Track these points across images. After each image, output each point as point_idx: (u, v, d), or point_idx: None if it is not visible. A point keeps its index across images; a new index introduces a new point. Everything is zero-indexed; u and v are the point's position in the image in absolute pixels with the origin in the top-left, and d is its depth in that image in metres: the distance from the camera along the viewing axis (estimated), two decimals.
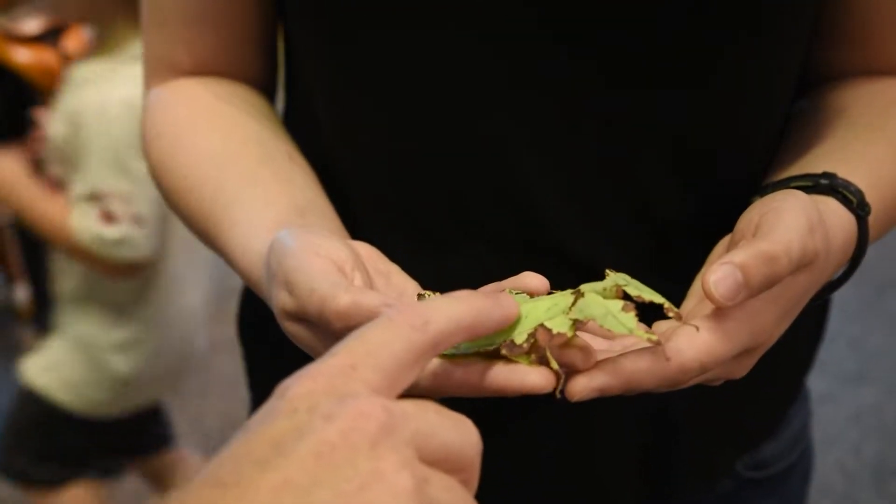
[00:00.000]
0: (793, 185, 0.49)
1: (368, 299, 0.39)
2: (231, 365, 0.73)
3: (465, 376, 0.39)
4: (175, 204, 0.58)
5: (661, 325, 0.44)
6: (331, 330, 0.40)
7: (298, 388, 0.29)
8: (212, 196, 0.54)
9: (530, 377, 0.38)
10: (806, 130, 0.56)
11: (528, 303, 0.42)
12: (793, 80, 0.55)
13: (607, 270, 0.42)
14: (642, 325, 0.38)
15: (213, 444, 2.15)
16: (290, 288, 0.42)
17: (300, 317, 0.42)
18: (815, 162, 0.52)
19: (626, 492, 0.59)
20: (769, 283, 0.40)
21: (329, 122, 0.56)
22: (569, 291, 0.41)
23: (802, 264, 0.42)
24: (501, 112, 0.50)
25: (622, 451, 0.58)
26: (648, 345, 0.39)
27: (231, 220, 0.52)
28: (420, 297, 0.46)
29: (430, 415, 0.30)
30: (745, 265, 0.39)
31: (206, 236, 0.55)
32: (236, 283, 0.62)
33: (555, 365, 0.38)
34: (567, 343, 0.39)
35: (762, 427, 0.65)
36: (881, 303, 2.72)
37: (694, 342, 0.40)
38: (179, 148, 0.57)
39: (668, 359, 0.39)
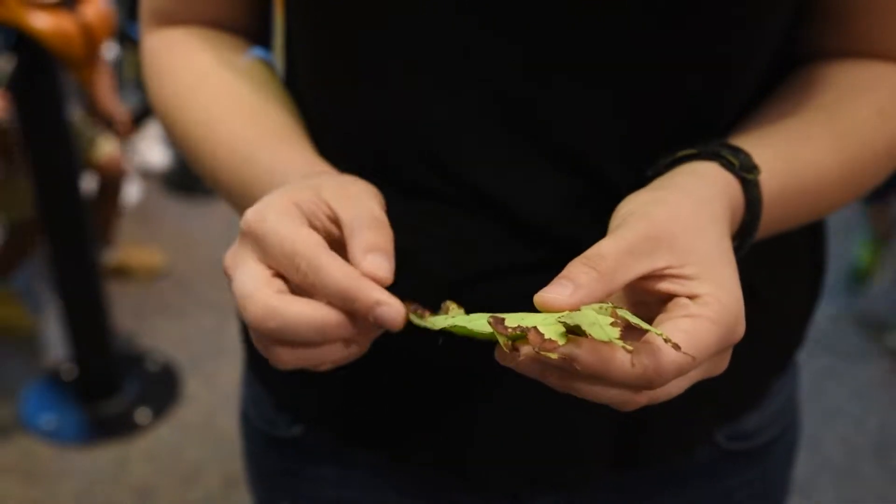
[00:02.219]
0: (680, 154, 0.51)
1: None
2: None
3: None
4: (185, 149, 0.61)
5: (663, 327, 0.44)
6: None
7: None
8: (227, 140, 0.57)
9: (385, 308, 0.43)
10: (767, 105, 0.56)
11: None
12: (764, 59, 0.55)
13: (610, 301, 0.42)
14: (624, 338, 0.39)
15: (224, 405, 2.19)
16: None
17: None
18: (745, 132, 0.53)
19: (600, 455, 0.61)
20: (598, 279, 0.42)
21: (301, 66, 0.60)
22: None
23: (639, 268, 0.44)
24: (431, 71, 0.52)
25: (596, 414, 0.59)
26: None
27: (255, 154, 0.55)
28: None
29: None
30: (565, 273, 0.43)
31: (222, 175, 0.58)
32: None
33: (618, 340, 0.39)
34: (559, 347, 0.40)
35: (744, 398, 0.65)
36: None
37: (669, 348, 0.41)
38: (185, 97, 0.60)
39: (633, 364, 0.40)
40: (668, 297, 0.45)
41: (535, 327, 0.40)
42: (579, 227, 0.54)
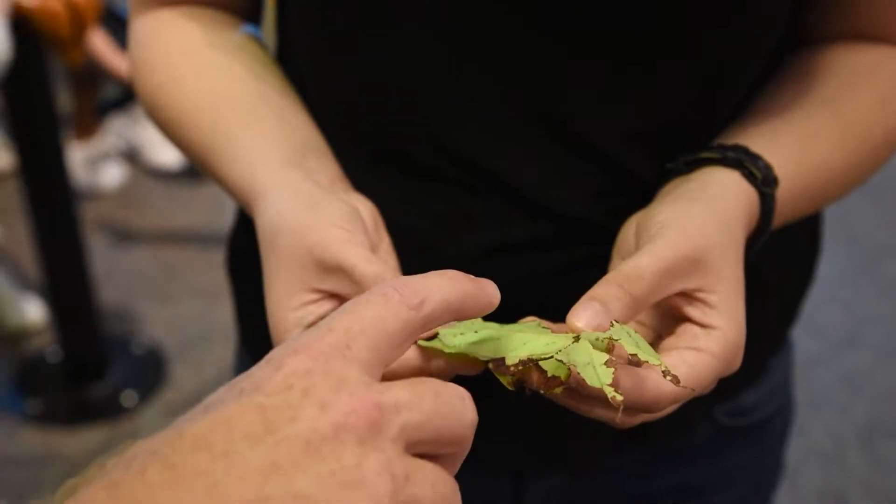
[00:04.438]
0: (703, 155, 0.51)
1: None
2: (230, 313, 0.74)
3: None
4: (171, 136, 0.60)
5: (670, 356, 0.45)
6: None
7: (295, 363, 0.29)
8: (210, 130, 0.56)
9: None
10: (771, 95, 0.56)
11: (528, 332, 0.44)
12: (769, 45, 0.55)
13: (613, 321, 0.42)
14: (616, 383, 0.39)
15: (210, 389, 2.18)
16: (324, 265, 0.46)
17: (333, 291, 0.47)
18: (751, 130, 0.54)
19: (602, 433, 0.60)
20: (626, 307, 0.43)
21: (300, 45, 0.59)
22: (571, 335, 0.42)
23: (672, 289, 0.45)
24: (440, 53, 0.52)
25: None
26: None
27: (232, 156, 0.54)
28: None
29: (425, 402, 0.30)
30: (598, 295, 0.43)
31: (206, 167, 0.57)
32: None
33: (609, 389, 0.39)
34: (562, 383, 0.41)
35: (743, 376, 0.64)
36: (876, 268, 2.74)
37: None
38: (175, 81, 0.59)
39: (618, 418, 0.41)
40: (682, 318, 0.46)
41: (536, 364, 0.41)
42: (582, 203, 0.54)
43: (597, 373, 0.39)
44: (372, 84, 0.54)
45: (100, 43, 2.37)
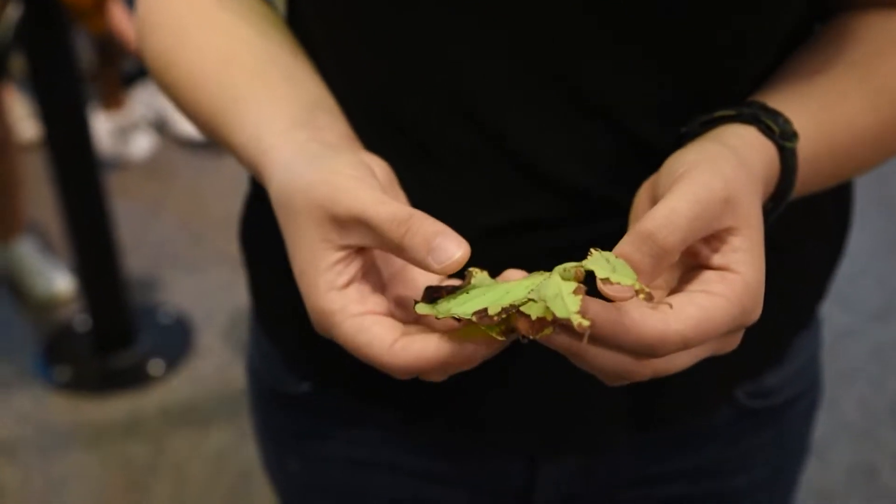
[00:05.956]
0: (718, 114, 0.49)
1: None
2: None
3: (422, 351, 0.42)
4: (176, 97, 0.58)
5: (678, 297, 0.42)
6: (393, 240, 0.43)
7: None
8: (218, 91, 0.54)
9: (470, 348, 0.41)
10: (798, 60, 0.54)
11: (511, 282, 0.42)
12: (792, 14, 0.53)
13: (592, 249, 0.40)
14: (585, 310, 0.37)
15: (237, 358, 2.19)
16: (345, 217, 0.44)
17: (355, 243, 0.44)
18: (775, 91, 0.51)
19: (616, 418, 0.60)
20: (658, 260, 0.40)
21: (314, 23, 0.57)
22: (546, 273, 0.41)
23: (703, 234, 0.42)
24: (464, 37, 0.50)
25: None
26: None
27: (239, 119, 0.52)
28: (468, 274, 0.46)
29: None
30: (624, 252, 0.41)
31: (212, 130, 0.56)
32: None
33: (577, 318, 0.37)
34: (549, 324, 0.39)
35: (765, 354, 0.64)
36: None
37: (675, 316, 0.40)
38: (182, 42, 0.57)
39: (580, 339, 0.39)
40: (693, 262, 0.44)
41: (518, 311, 0.39)
42: (599, 177, 0.52)
43: (564, 303, 0.37)
44: (383, 49, 0.53)
45: (118, 14, 2.36)
